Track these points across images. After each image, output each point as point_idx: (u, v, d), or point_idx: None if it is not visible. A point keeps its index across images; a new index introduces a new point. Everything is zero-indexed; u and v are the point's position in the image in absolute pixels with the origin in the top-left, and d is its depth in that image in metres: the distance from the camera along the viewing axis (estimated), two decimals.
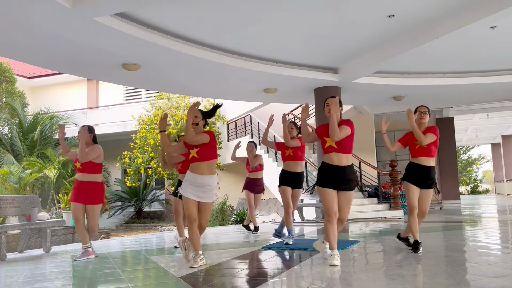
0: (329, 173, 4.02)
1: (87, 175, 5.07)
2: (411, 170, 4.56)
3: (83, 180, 5.07)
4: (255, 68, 8.14)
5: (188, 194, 4.17)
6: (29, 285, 3.74)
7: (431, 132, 4.48)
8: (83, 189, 5.06)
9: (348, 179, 4.00)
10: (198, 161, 4.17)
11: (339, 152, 3.98)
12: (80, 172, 5.09)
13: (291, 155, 5.61)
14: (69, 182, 13.87)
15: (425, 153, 4.48)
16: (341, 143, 3.97)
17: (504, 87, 10.37)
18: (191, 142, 4.11)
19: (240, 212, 12.87)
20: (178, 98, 17.03)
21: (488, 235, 6.14)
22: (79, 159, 5.04)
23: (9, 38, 6.32)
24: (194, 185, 4.17)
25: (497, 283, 3.07)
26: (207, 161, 4.18)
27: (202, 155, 4.16)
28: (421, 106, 4.64)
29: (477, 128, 21.24)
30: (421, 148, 4.48)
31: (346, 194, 4.04)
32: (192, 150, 4.20)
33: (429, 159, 4.50)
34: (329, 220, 4.00)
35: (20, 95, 18.68)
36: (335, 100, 4.10)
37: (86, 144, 5.11)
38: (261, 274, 3.90)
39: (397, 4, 6.17)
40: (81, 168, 5.05)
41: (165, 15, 6.19)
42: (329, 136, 4.01)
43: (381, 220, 9.31)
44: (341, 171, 3.98)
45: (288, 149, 5.65)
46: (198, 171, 4.17)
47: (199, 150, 4.16)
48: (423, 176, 4.49)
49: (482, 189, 37.50)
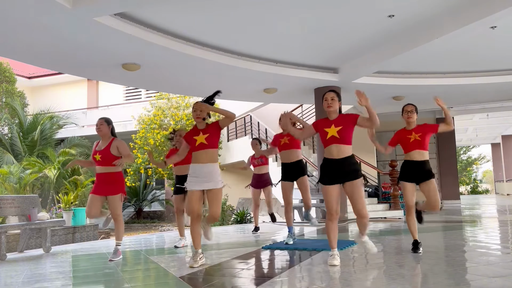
0: (330, 167, 3.98)
1: (105, 167, 5.00)
2: (404, 168, 4.56)
3: (101, 172, 5.02)
4: (255, 68, 8.14)
5: (192, 186, 4.19)
6: (29, 285, 3.74)
7: (430, 127, 4.53)
8: (103, 181, 4.99)
9: (350, 169, 3.94)
10: (206, 148, 4.19)
11: (340, 143, 3.95)
12: (99, 165, 5.03)
13: (287, 143, 5.48)
14: (69, 182, 13.86)
15: (420, 145, 4.48)
16: (343, 133, 3.96)
17: (504, 87, 10.38)
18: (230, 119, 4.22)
19: (240, 212, 12.85)
20: (178, 98, 17.02)
21: (488, 235, 6.14)
22: (128, 161, 5.02)
23: (9, 38, 6.32)
24: (196, 175, 4.18)
25: (497, 283, 3.07)
26: (212, 148, 4.21)
27: (211, 141, 4.20)
28: (408, 105, 4.62)
29: (477, 128, 21.23)
30: (416, 141, 4.49)
31: (352, 185, 3.93)
32: (199, 136, 4.21)
33: (422, 152, 4.49)
34: (330, 218, 3.99)
35: (20, 95, 18.67)
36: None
37: (105, 135, 5.07)
38: (261, 274, 3.90)
39: (397, 4, 6.17)
40: (101, 160, 5.02)
41: (165, 15, 6.19)
42: (329, 127, 3.99)
43: (381, 220, 9.31)
44: (342, 162, 3.94)
45: (283, 137, 5.54)
46: (199, 160, 4.19)
47: (209, 136, 4.20)
48: (417, 170, 4.47)
49: (482, 189, 37.49)
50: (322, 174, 4.06)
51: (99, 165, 5.03)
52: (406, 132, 4.57)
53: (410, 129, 4.56)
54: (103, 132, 5.08)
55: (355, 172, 3.95)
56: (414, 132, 4.52)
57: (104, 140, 5.09)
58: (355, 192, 3.93)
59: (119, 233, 5.11)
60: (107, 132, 5.10)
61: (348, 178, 3.93)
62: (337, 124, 4.00)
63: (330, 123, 4.04)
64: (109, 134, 5.11)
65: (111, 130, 5.16)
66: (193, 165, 4.24)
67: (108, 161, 4.99)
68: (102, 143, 5.08)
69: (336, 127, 3.98)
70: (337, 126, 3.98)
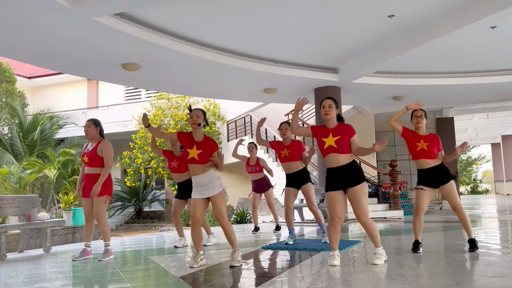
0: (331, 175, 4.02)
1: (92, 168, 5.05)
2: (420, 176, 4.54)
3: (89, 173, 5.05)
4: (255, 68, 8.14)
5: (195, 195, 4.27)
6: (29, 285, 3.74)
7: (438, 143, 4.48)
8: (90, 183, 5.03)
9: (350, 176, 3.94)
10: (197, 163, 4.19)
11: (338, 153, 3.96)
12: (87, 166, 5.07)
13: (287, 156, 5.56)
14: (69, 182, 13.86)
15: (426, 155, 4.44)
16: (340, 143, 3.96)
17: (504, 87, 10.38)
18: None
19: (240, 212, 12.84)
20: (178, 98, 17.02)
21: (488, 235, 6.14)
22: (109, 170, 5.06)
23: (9, 38, 6.32)
24: (197, 186, 4.26)
25: (497, 283, 3.07)
26: (202, 164, 4.21)
27: (202, 159, 4.19)
28: (417, 110, 4.53)
29: (477, 128, 21.23)
30: (422, 151, 4.45)
31: (353, 191, 3.92)
32: (192, 150, 4.20)
33: (429, 161, 4.45)
34: (332, 224, 3.99)
35: (20, 95, 18.67)
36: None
37: (93, 138, 5.10)
38: (261, 274, 3.90)
39: (397, 4, 6.17)
40: (88, 162, 5.04)
41: (165, 15, 6.19)
42: (327, 136, 4.00)
43: (381, 220, 9.31)
44: (342, 169, 3.96)
45: (283, 149, 5.59)
46: (194, 173, 4.23)
47: (202, 153, 4.18)
48: (431, 176, 4.45)
49: (482, 189, 37.51)
50: (326, 183, 4.09)
51: (87, 166, 5.09)
52: (415, 137, 4.48)
53: (420, 136, 4.48)
54: (91, 134, 5.12)
55: (356, 178, 3.94)
56: (423, 140, 4.44)
57: (92, 142, 5.14)
58: (356, 199, 3.92)
59: (105, 234, 5.10)
60: (95, 134, 5.14)
61: (349, 184, 3.94)
62: (335, 133, 3.99)
63: (327, 132, 4.03)
64: (97, 136, 5.15)
65: (100, 132, 5.19)
66: (192, 176, 4.29)
67: (95, 163, 5.03)
68: (91, 145, 5.14)
69: (334, 136, 3.98)
70: (335, 135, 3.98)
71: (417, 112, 4.54)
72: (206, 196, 4.24)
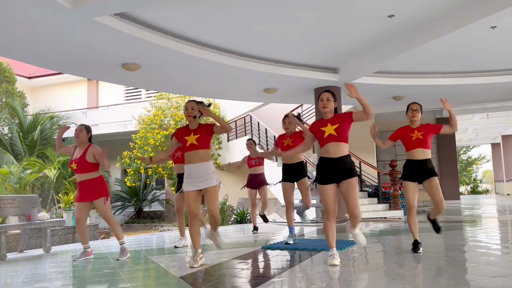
0: (326, 166, 3.98)
1: (82, 174, 5.07)
2: (406, 167, 4.56)
3: (81, 180, 5.08)
4: (255, 68, 8.14)
5: (188, 187, 4.21)
6: (29, 285, 3.74)
7: (433, 127, 4.52)
8: (85, 188, 5.06)
9: (346, 168, 3.94)
10: (196, 149, 4.18)
11: (338, 141, 3.95)
12: (76, 173, 5.10)
13: (290, 145, 5.47)
14: (69, 182, 13.87)
15: (421, 144, 4.47)
16: (340, 130, 3.96)
17: (504, 87, 10.38)
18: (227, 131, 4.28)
19: (240, 212, 12.85)
20: (178, 98, 17.02)
21: (488, 235, 6.14)
22: (105, 167, 5.12)
23: (9, 38, 6.32)
24: (191, 176, 4.20)
25: (497, 283, 3.07)
26: (203, 149, 4.20)
27: (201, 143, 4.19)
28: (413, 103, 4.61)
29: (477, 128, 21.22)
30: (417, 140, 4.48)
31: (346, 183, 3.92)
32: (190, 137, 4.21)
33: (424, 151, 4.48)
34: (327, 218, 3.99)
35: (20, 95, 18.66)
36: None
37: (82, 142, 5.13)
38: (261, 274, 3.90)
39: (397, 4, 6.17)
40: (77, 169, 5.07)
41: (165, 15, 6.19)
42: (325, 126, 4.01)
43: (381, 220, 9.31)
44: (338, 161, 3.95)
45: (286, 138, 5.55)
46: (192, 161, 4.20)
47: (200, 137, 4.19)
48: (419, 169, 4.46)
49: (482, 189, 37.48)
50: (318, 173, 4.05)
51: (76, 173, 5.11)
52: (408, 130, 4.56)
53: (413, 128, 4.55)
54: (81, 139, 5.14)
55: (350, 171, 3.95)
56: (417, 131, 4.50)
57: (80, 148, 5.15)
58: (349, 191, 3.92)
59: (117, 233, 5.16)
60: (85, 139, 5.17)
61: (343, 177, 3.93)
62: (333, 122, 4.02)
63: (326, 122, 4.05)
64: (86, 141, 5.18)
65: (89, 138, 5.23)
66: (187, 165, 4.24)
67: (84, 169, 5.05)
68: (78, 151, 5.14)
69: (333, 125, 3.99)
70: (334, 124, 4.00)
71: (414, 105, 4.60)
72: (199, 188, 4.18)
